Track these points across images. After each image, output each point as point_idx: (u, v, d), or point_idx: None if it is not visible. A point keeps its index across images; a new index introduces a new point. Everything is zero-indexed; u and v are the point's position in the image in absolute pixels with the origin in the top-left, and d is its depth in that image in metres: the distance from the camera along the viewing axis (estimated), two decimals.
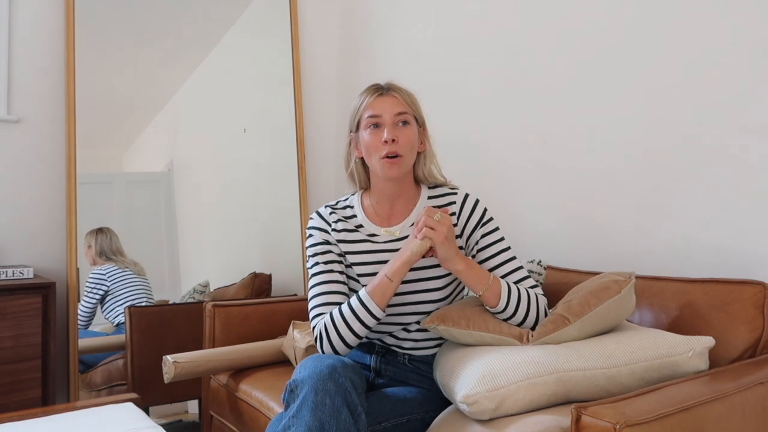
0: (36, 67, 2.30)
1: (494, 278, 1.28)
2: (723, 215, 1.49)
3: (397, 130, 1.32)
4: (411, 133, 1.34)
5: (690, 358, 1.15)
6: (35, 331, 1.98)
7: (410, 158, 1.35)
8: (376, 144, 1.32)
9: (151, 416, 2.40)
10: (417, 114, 1.38)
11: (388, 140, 1.31)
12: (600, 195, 1.78)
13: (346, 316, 1.27)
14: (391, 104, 1.34)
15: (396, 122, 1.33)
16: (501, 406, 1.08)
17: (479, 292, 1.27)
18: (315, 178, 2.88)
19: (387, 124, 1.32)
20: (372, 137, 1.33)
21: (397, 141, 1.31)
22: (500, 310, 1.26)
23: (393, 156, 1.31)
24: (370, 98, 1.35)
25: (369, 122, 1.34)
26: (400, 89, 1.37)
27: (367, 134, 1.34)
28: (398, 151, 1.31)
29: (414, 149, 1.36)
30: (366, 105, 1.35)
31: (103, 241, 2.36)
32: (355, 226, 1.41)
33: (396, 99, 1.35)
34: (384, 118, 1.33)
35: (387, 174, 1.33)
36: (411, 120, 1.35)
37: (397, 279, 1.27)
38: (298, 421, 1.06)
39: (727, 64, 1.49)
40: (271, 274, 2.68)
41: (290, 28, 2.82)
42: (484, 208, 1.39)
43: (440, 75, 2.33)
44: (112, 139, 2.52)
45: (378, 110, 1.33)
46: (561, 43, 1.89)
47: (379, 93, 1.36)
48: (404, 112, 1.34)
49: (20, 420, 1.37)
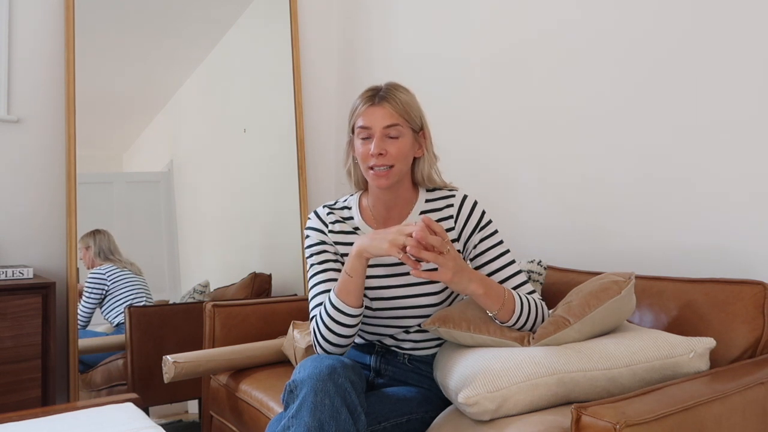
0: (36, 67, 2.30)
1: (508, 296, 1.25)
2: (723, 215, 1.49)
3: (386, 143, 1.29)
4: (401, 144, 1.30)
5: (691, 359, 1.15)
6: (35, 331, 1.98)
7: (401, 168, 1.32)
8: (365, 155, 1.31)
9: (151, 416, 2.40)
10: (412, 121, 1.33)
11: (374, 154, 1.28)
12: (600, 195, 1.77)
13: (326, 319, 1.27)
14: (381, 116, 1.29)
15: (385, 135, 1.30)
16: (502, 406, 1.08)
17: (494, 312, 1.24)
18: (315, 178, 2.88)
19: (375, 137, 1.29)
20: (362, 148, 1.32)
21: (385, 154, 1.29)
22: (510, 324, 1.26)
23: (381, 170, 1.30)
24: (363, 107, 1.32)
25: (360, 133, 1.32)
26: (394, 97, 1.31)
27: (358, 144, 1.33)
28: (386, 163, 1.29)
29: (405, 159, 1.33)
30: (358, 113, 1.33)
31: (101, 242, 2.36)
32: (352, 228, 1.41)
33: (387, 110, 1.29)
34: (373, 130, 1.30)
35: (376, 185, 1.33)
36: (403, 131, 1.31)
37: (355, 274, 1.23)
38: (297, 421, 1.06)
39: (727, 64, 1.49)
40: (271, 274, 2.68)
41: (290, 28, 2.82)
42: (482, 211, 1.37)
43: (440, 74, 2.33)
44: (112, 139, 2.52)
45: (368, 122, 1.30)
46: (560, 45, 1.89)
47: (371, 103, 1.31)
48: (395, 124, 1.29)
49: (20, 420, 1.36)
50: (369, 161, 1.30)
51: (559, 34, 1.90)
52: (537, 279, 1.66)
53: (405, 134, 1.32)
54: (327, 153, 2.93)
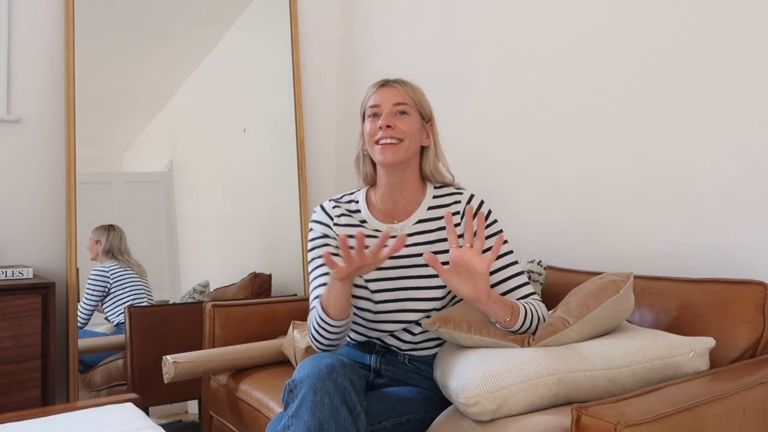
0: (36, 67, 2.30)
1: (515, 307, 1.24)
2: (723, 215, 1.49)
3: (395, 118, 1.34)
4: (410, 122, 1.35)
5: (691, 359, 1.15)
6: (35, 331, 1.98)
7: (409, 146, 1.34)
8: (374, 131, 1.35)
9: (151, 416, 2.40)
10: (420, 107, 1.38)
11: (383, 126, 1.33)
12: (600, 195, 1.77)
13: (314, 324, 1.29)
14: (391, 95, 1.36)
15: (394, 111, 1.35)
16: (502, 407, 1.08)
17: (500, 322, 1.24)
18: (315, 178, 2.88)
19: (384, 112, 1.35)
20: (371, 125, 1.37)
21: (393, 127, 1.33)
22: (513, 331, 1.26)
23: (388, 141, 1.32)
24: (373, 90, 1.39)
25: (370, 112, 1.38)
26: (404, 82, 1.39)
27: (367, 124, 1.38)
28: (394, 135, 1.32)
29: (414, 138, 1.36)
30: (368, 96, 1.40)
31: (113, 239, 2.36)
32: (359, 221, 1.42)
33: (397, 90, 1.37)
34: (383, 107, 1.35)
35: (383, 159, 1.33)
36: (411, 111, 1.36)
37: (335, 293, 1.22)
38: (296, 420, 1.06)
39: (727, 64, 1.48)
40: (271, 274, 2.68)
41: (290, 27, 2.82)
42: (489, 209, 1.39)
43: (440, 74, 2.33)
44: (112, 139, 2.52)
45: (378, 100, 1.36)
46: (562, 43, 1.89)
47: (381, 85, 1.39)
48: (403, 102, 1.35)
49: (20, 420, 1.36)
50: (376, 135, 1.34)
51: (560, 29, 1.90)
52: (537, 279, 1.66)
53: (414, 115, 1.37)
54: (327, 153, 2.93)
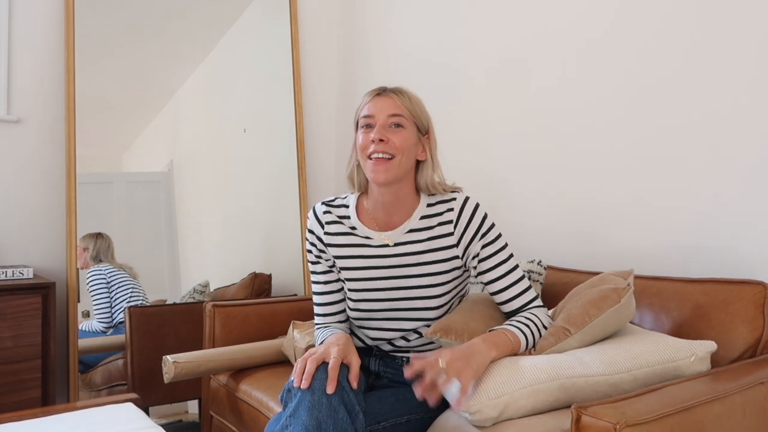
0: (36, 67, 2.30)
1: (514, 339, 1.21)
2: (723, 215, 1.49)
3: (388, 132, 1.26)
4: (405, 135, 1.26)
5: (692, 363, 1.14)
6: (35, 331, 1.98)
7: (401, 162, 1.26)
8: (366, 143, 1.27)
9: (151, 416, 2.40)
10: (417, 119, 1.30)
11: (375, 139, 1.24)
12: (600, 195, 1.77)
13: None
14: (386, 105, 1.27)
15: (388, 124, 1.26)
16: (504, 413, 1.08)
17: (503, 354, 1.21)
18: (315, 178, 2.88)
19: (378, 124, 1.26)
20: (363, 138, 1.28)
21: (386, 141, 1.24)
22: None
23: (380, 156, 1.24)
24: (368, 98, 1.31)
25: (363, 122, 1.30)
26: (401, 92, 1.30)
27: (360, 135, 1.30)
28: (387, 150, 1.24)
29: (408, 153, 1.27)
30: (362, 105, 1.31)
31: (101, 246, 2.36)
32: (349, 228, 1.37)
33: (393, 101, 1.28)
34: (376, 119, 1.27)
35: (375, 178, 1.25)
36: (407, 124, 1.28)
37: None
38: (295, 420, 1.06)
39: (727, 64, 1.48)
40: (271, 274, 2.68)
41: (290, 28, 2.82)
42: (484, 214, 1.30)
43: (439, 75, 2.33)
44: (112, 139, 2.52)
45: (372, 110, 1.28)
46: (559, 44, 1.89)
47: (377, 93, 1.30)
48: (399, 114, 1.27)
49: (20, 420, 1.36)
50: (369, 148, 1.26)
51: (559, 36, 1.90)
52: (537, 279, 1.66)
53: (409, 128, 1.28)
54: (327, 153, 2.93)
